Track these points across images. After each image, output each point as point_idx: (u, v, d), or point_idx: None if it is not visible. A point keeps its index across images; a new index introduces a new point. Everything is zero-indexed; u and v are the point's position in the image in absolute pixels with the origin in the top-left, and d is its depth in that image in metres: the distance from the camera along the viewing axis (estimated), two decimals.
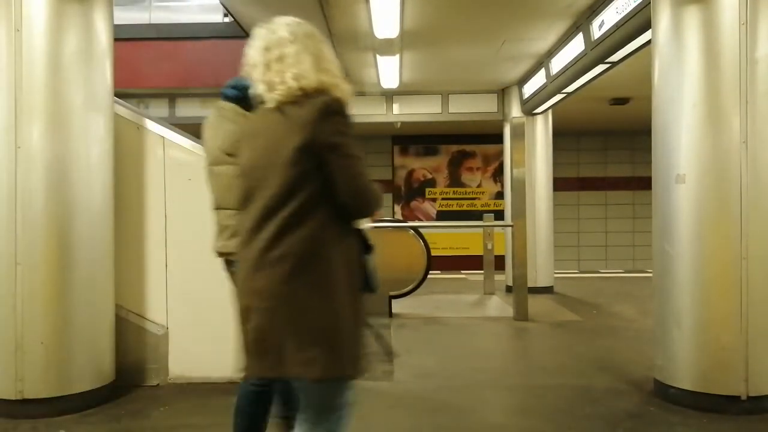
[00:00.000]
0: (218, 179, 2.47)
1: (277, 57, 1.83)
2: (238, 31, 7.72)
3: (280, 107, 1.79)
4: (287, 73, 1.79)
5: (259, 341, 1.83)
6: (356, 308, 1.82)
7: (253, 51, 1.91)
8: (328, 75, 1.84)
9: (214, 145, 2.52)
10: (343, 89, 1.84)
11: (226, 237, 2.44)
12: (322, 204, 1.76)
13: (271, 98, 1.80)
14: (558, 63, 6.43)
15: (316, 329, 1.74)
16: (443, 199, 13.03)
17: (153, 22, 8.18)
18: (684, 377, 3.53)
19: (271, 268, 1.74)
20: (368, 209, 1.84)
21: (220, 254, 2.52)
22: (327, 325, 1.75)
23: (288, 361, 1.76)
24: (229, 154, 2.37)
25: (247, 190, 1.85)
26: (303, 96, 1.77)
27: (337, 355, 1.74)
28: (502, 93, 8.48)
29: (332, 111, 1.76)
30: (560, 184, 9.74)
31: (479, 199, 12.98)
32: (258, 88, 1.84)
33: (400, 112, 8.78)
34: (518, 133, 6.49)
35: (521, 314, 6.15)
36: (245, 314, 1.85)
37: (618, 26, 4.79)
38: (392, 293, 6.54)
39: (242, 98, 2.42)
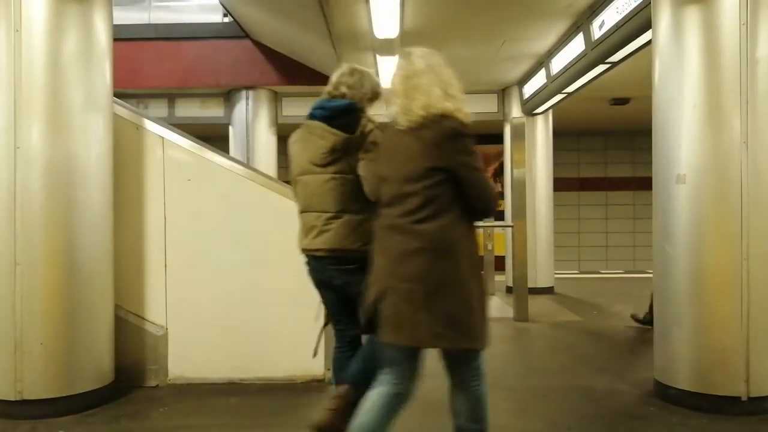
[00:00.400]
0: (306, 187, 2.75)
1: (414, 86, 2.21)
2: (237, 31, 7.72)
3: (413, 130, 2.18)
4: (419, 101, 2.18)
5: (396, 316, 2.18)
6: (479, 291, 2.22)
7: (396, 79, 2.29)
8: (453, 101, 2.22)
9: (303, 157, 2.76)
10: (465, 113, 2.23)
11: (313, 236, 2.71)
12: (452, 206, 2.17)
13: (404, 122, 2.21)
14: (558, 63, 6.43)
15: (446, 308, 2.12)
16: None
17: (152, 22, 8.17)
18: (684, 378, 3.52)
19: (412, 258, 2.15)
20: (491, 212, 2.28)
21: (306, 251, 2.78)
22: (456, 304, 2.14)
23: (422, 333, 2.14)
24: (316, 165, 2.69)
25: (389, 196, 2.26)
26: (430, 121, 2.16)
27: (464, 331, 2.15)
28: (502, 93, 8.47)
29: (458, 134, 2.17)
30: (560, 184, 9.73)
31: None
32: (395, 113, 2.25)
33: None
34: (518, 134, 6.49)
35: (521, 315, 6.15)
36: (382, 293, 2.20)
37: (618, 26, 4.79)
38: None
39: (330, 118, 2.71)
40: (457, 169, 2.16)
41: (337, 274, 2.71)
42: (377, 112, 2.86)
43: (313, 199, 2.72)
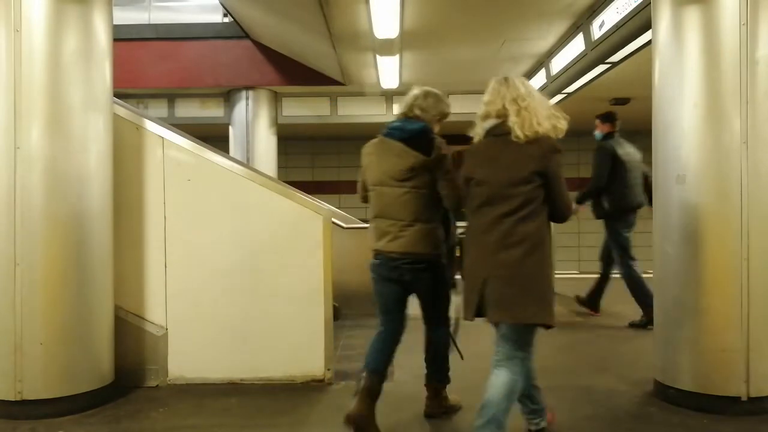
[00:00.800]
0: (382, 198, 3.16)
1: (525, 107, 2.68)
2: (237, 31, 7.73)
3: (519, 142, 2.66)
4: (528, 120, 2.66)
5: (496, 298, 2.66)
6: (552, 279, 2.79)
7: (501, 101, 2.75)
8: (552, 120, 2.70)
9: (379, 170, 3.17)
10: (561, 129, 2.73)
11: (388, 240, 3.13)
12: (542, 209, 2.68)
13: (517, 136, 2.66)
14: (558, 63, 6.43)
15: (537, 291, 2.66)
16: None
17: (152, 22, 8.18)
18: (684, 378, 3.52)
19: (511, 249, 2.62)
20: (567, 218, 2.79)
21: (381, 252, 3.17)
22: (543, 289, 2.68)
23: (517, 311, 2.64)
24: (394, 179, 3.11)
25: (488, 196, 2.71)
26: (535, 137, 2.65)
27: (548, 309, 2.68)
28: None
29: (556, 150, 2.68)
30: None
31: None
32: (506, 127, 2.70)
33: (400, 112, 8.77)
34: None
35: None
36: (483, 280, 2.68)
37: (618, 26, 4.79)
38: None
39: (407, 139, 3.13)
40: (552, 178, 2.66)
41: (408, 273, 3.13)
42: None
43: (388, 209, 3.13)
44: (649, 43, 4.14)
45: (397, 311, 3.24)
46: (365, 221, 7.28)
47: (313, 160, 12.40)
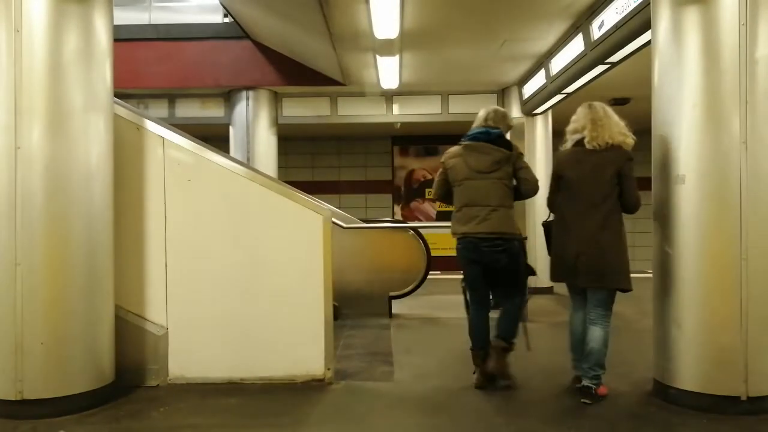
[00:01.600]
0: (470, 189, 3.92)
1: (600, 126, 3.68)
2: (237, 32, 7.73)
3: (597, 150, 3.65)
4: (604, 135, 3.66)
5: (586, 269, 3.62)
6: (627, 255, 3.69)
7: (585, 121, 3.74)
8: (622, 137, 3.68)
9: (466, 167, 3.93)
10: (629, 144, 3.69)
11: (476, 223, 3.86)
12: (618, 202, 3.64)
13: (595, 145, 3.66)
14: (558, 63, 6.43)
15: (617, 263, 3.62)
16: None
17: (153, 22, 8.17)
18: (684, 378, 3.53)
19: (603, 232, 3.60)
20: (636, 210, 3.70)
21: (467, 234, 3.89)
22: (622, 261, 3.64)
23: (607, 279, 3.63)
24: (482, 172, 3.89)
25: (575, 192, 3.70)
26: (611, 146, 3.64)
27: (627, 277, 3.64)
28: (502, 93, 8.48)
29: (629, 158, 3.64)
30: None
31: None
32: (585, 140, 3.71)
33: (399, 112, 8.78)
34: (518, 134, 6.49)
35: (521, 315, 6.14)
36: (576, 255, 3.64)
37: (618, 27, 4.79)
38: (392, 293, 6.54)
39: (492, 140, 3.93)
40: (625, 177, 3.61)
41: (488, 252, 3.85)
42: None
43: (477, 197, 3.88)
44: (648, 43, 4.14)
45: (483, 286, 3.99)
46: (365, 221, 7.29)
47: (313, 160, 12.40)
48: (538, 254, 7.70)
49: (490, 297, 4.06)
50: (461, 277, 4.05)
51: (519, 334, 4.08)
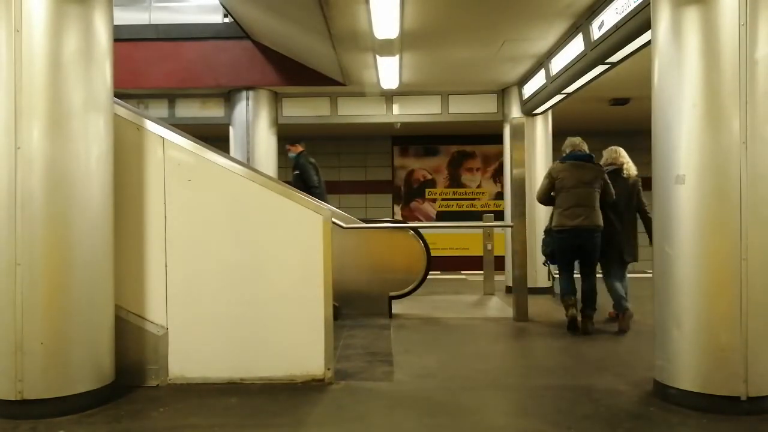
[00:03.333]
0: (578, 195, 5.52)
1: (613, 159, 5.91)
2: (237, 32, 7.72)
3: (627, 177, 5.82)
4: (632, 168, 5.85)
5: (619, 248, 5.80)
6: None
7: (615, 155, 5.92)
8: (634, 168, 5.87)
9: (575, 179, 5.53)
10: (631, 168, 5.88)
11: (581, 219, 5.49)
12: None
13: (627, 174, 5.80)
14: (558, 63, 6.43)
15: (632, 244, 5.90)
16: (443, 199, 13.04)
17: (153, 22, 8.17)
18: (684, 378, 3.53)
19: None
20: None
21: (573, 227, 5.51)
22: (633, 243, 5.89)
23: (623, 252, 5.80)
24: (585, 183, 5.53)
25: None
26: (633, 175, 5.85)
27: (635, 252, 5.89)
28: (502, 93, 8.48)
29: (640, 184, 5.86)
30: None
31: (479, 199, 12.98)
32: (621, 168, 5.83)
33: (399, 112, 8.77)
34: (518, 134, 6.49)
35: (521, 315, 6.15)
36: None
37: (618, 27, 4.79)
38: (392, 293, 6.54)
39: (591, 160, 5.69)
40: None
41: (588, 240, 5.52)
42: None
43: (583, 201, 5.49)
44: (648, 43, 4.15)
45: (571, 266, 5.71)
46: (365, 221, 7.30)
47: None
48: (538, 261, 7.80)
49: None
50: (545, 257, 6.17)
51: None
